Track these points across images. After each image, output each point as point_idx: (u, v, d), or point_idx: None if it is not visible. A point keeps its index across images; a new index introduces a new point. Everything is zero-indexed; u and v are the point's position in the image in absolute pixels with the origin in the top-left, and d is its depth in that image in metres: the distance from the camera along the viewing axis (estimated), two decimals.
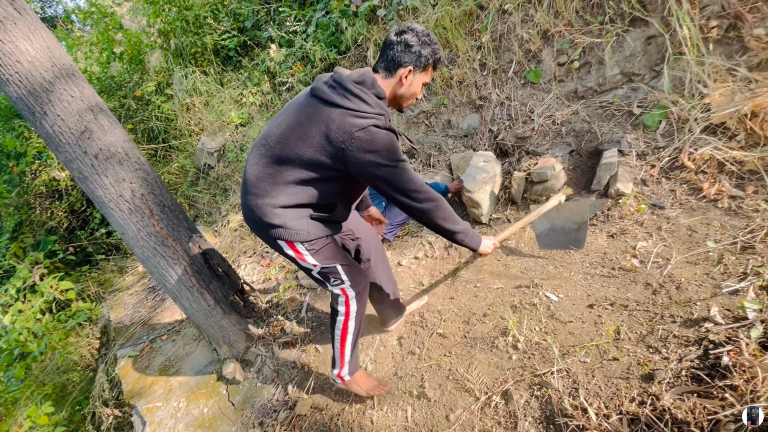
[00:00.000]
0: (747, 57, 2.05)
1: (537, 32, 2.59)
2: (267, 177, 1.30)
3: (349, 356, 1.65)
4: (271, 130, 1.32)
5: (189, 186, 4.46)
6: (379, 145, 1.20)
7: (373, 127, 1.19)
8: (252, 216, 1.37)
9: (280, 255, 1.53)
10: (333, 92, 1.23)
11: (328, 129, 1.20)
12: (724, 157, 1.91)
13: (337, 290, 1.55)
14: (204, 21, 4.39)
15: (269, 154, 1.30)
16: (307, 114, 1.25)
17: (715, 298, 1.48)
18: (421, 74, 1.33)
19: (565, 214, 1.96)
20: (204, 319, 2.17)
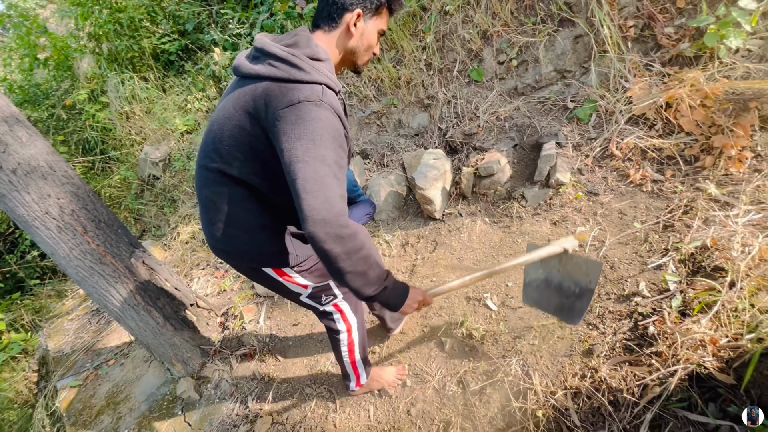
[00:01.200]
0: (660, 53, 2.25)
1: (477, 32, 2.70)
2: (221, 197, 1.05)
3: (362, 367, 1.57)
4: (206, 138, 1.08)
5: (133, 199, 4.20)
6: (306, 128, 0.88)
7: (305, 104, 0.90)
8: (223, 248, 1.12)
9: (262, 284, 1.26)
10: (256, 63, 0.98)
11: (255, 110, 0.94)
12: (646, 145, 2.09)
13: (330, 308, 1.36)
14: (140, 24, 4.15)
15: (212, 169, 1.04)
16: (232, 100, 0.99)
17: (643, 274, 1.61)
18: (374, 19, 1.05)
19: (569, 268, 1.36)
20: (153, 339, 2.05)
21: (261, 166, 1.01)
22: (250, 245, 1.10)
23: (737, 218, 1.58)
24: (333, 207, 0.86)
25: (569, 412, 1.27)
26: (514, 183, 2.40)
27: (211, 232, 1.11)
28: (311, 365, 1.94)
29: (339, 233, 0.86)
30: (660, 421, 1.13)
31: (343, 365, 1.56)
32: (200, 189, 1.10)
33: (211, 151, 1.05)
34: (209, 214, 1.09)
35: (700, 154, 1.94)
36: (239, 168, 1.01)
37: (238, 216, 1.06)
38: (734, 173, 1.79)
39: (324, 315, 1.40)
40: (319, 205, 0.85)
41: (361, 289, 0.95)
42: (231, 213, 1.05)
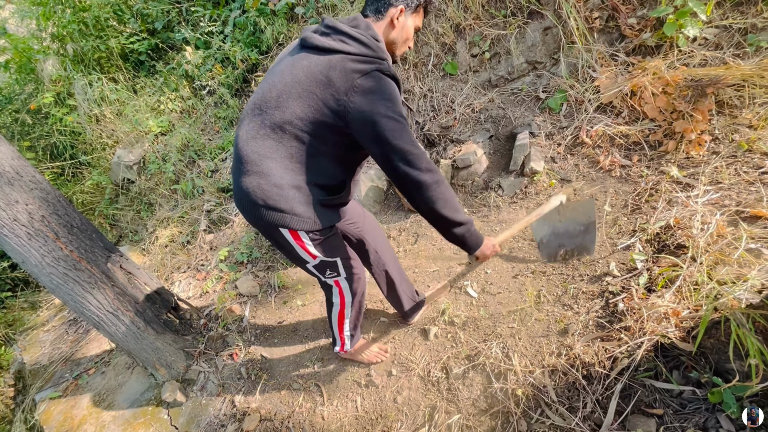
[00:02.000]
0: (624, 43, 2.34)
1: (450, 26, 2.73)
2: (268, 150, 1.12)
3: (349, 335, 1.69)
4: (264, 94, 1.14)
5: (108, 204, 4.08)
6: (384, 92, 1.05)
7: (377, 72, 1.06)
8: (250, 199, 1.16)
9: (273, 244, 1.36)
10: (328, 38, 1.09)
11: (328, 79, 1.05)
12: (614, 132, 2.17)
13: (331, 282, 1.45)
14: (106, 23, 4.02)
15: (267, 123, 1.12)
16: (302, 67, 1.09)
17: (613, 255, 1.69)
18: (413, 16, 1.21)
19: (569, 215, 1.65)
20: (135, 344, 2.02)
21: (323, 129, 1.10)
22: (279, 201, 1.15)
23: (697, 198, 1.67)
24: (418, 147, 1.09)
25: (547, 389, 1.33)
26: (490, 173, 2.46)
27: (244, 185, 1.16)
28: (297, 362, 1.95)
29: (429, 167, 1.09)
30: (630, 391, 1.20)
31: (332, 328, 1.68)
32: (246, 141, 1.15)
33: (273, 107, 1.11)
34: (248, 166, 1.14)
35: (663, 139, 2.04)
36: (300, 127, 1.10)
37: (278, 171, 1.13)
38: (694, 156, 1.89)
39: (324, 285, 1.51)
40: (411, 148, 1.06)
41: (453, 215, 1.14)
42: (272, 167, 1.13)
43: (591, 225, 1.63)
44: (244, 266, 2.70)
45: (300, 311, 2.22)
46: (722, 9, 2.10)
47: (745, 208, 1.54)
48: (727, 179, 1.70)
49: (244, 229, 3.02)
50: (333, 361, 1.87)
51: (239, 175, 1.18)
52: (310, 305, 2.24)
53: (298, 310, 2.24)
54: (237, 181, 1.20)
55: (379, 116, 1.03)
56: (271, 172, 1.13)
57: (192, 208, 3.42)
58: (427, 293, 1.93)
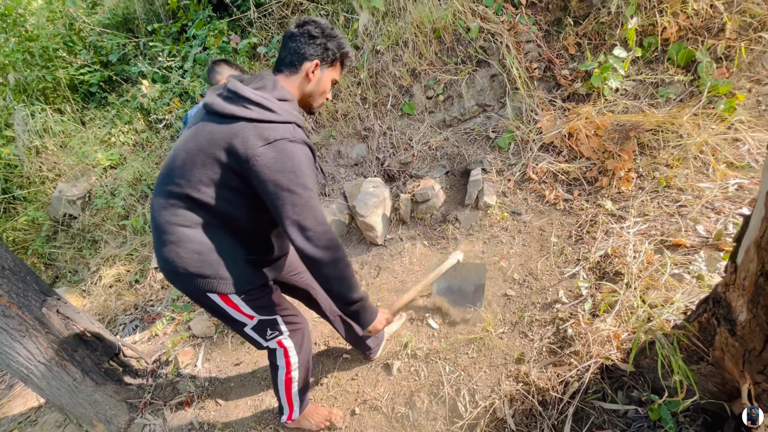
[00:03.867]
0: (560, 91, 2.63)
1: (406, 70, 2.93)
2: (181, 219, 1.10)
3: (298, 401, 1.55)
4: (170, 164, 1.13)
5: (44, 242, 3.75)
6: (287, 163, 1.02)
7: (282, 141, 1.02)
8: (172, 269, 1.13)
9: (207, 311, 1.28)
10: (230, 104, 1.06)
11: (231, 146, 1.03)
12: (556, 169, 2.38)
13: (273, 344, 1.35)
14: (55, 53, 3.88)
15: (176, 192, 1.10)
16: (205, 134, 1.07)
17: (561, 283, 1.81)
18: (330, 70, 1.21)
19: (463, 273, 1.90)
20: (69, 398, 1.82)
21: (230, 194, 1.09)
22: (201, 267, 1.13)
23: (629, 229, 1.85)
24: (322, 224, 1.07)
25: (506, 419, 1.36)
26: (448, 207, 2.58)
27: (165, 255, 1.13)
28: (256, 405, 1.85)
29: (328, 245, 1.07)
30: (582, 414, 1.26)
31: (279, 396, 1.54)
32: (158, 212, 1.14)
33: (178, 176, 1.10)
34: (166, 237, 1.12)
35: (598, 176, 2.26)
36: (207, 194, 1.08)
37: (196, 238, 1.12)
38: (624, 191, 2.11)
39: (267, 350, 1.40)
40: (311, 224, 1.05)
41: (347, 293, 1.15)
42: (188, 234, 1.11)
43: (481, 287, 1.87)
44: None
45: (258, 351, 2.13)
46: (637, 66, 2.43)
47: (668, 237, 1.73)
48: (652, 212, 1.91)
49: None
50: None
51: (159, 246, 1.15)
52: None
53: (256, 351, 2.14)
54: (158, 253, 1.16)
55: (280, 189, 1.01)
56: (189, 239, 1.11)
57: (142, 244, 3.24)
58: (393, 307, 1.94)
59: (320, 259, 1.07)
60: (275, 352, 1.40)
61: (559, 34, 2.71)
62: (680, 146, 2.05)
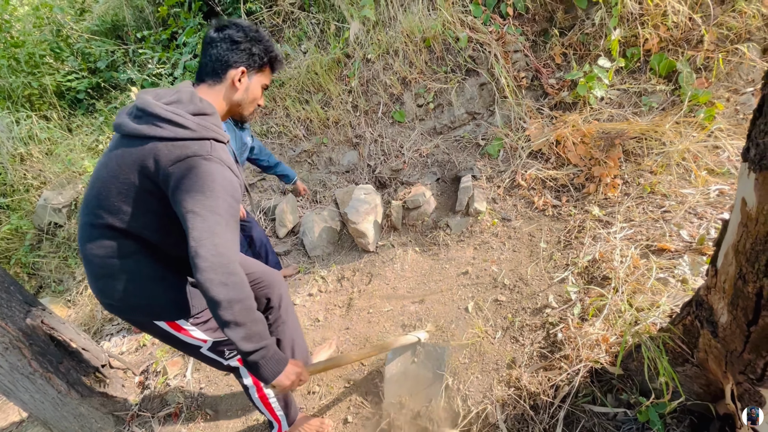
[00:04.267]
0: (548, 100, 2.69)
1: (397, 79, 2.97)
2: (112, 251, 1.03)
3: (282, 413, 1.49)
4: (89, 193, 1.05)
5: (28, 251, 3.67)
6: (196, 183, 0.92)
7: (193, 159, 0.94)
8: (111, 302, 1.08)
9: (157, 338, 1.20)
10: (140, 124, 0.98)
11: (143, 169, 0.96)
12: (544, 176, 2.43)
13: (234, 362, 1.29)
14: (41, 60, 3.83)
15: (98, 224, 1.02)
16: (117, 160, 0.99)
17: (551, 288, 1.83)
18: (258, 75, 1.13)
19: (423, 358, 1.59)
20: (54, 411, 1.78)
21: (153, 218, 1.02)
22: (140, 297, 1.07)
23: (616, 234, 1.89)
24: (221, 255, 0.90)
25: (498, 424, 1.37)
26: (438, 213, 2.60)
27: (100, 288, 1.08)
28: (247, 416, 1.83)
29: (224, 280, 0.89)
30: (573, 418, 1.27)
31: (263, 413, 1.50)
32: (85, 244, 1.06)
33: (96, 206, 1.03)
34: (96, 269, 1.06)
35: (585, 182, 2.31)
36: (129, 222, 1.01)
37: (127, 268, 1.05)
38: (611, 197, 2.16)
39: (229, 369, 1.33)
40: (207, 253, 0.88)
41: (240, 343, 0.92)
42: (120, 266, 1.04)
43: (439, 377, 1.51)
44: None
45: None
46: (620, 75, 2.51)
47: (654, 242, 1.78)
48: (638, 217, 1.96)
49: None
50: None
51: (94, 280, 1.08)
52: None
53: None
54: (94, 286, 1.10)
55: (185, 211, 0.91)
56: (122, 270, 1.04)
57: None
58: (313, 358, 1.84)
59: (213, 297, 0.88)
60: (239, 371, 1.33)
61: (545, 44, 2.78)
62: (663, 153, 2.11)
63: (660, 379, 1.03)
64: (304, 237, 2.78)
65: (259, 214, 3.09)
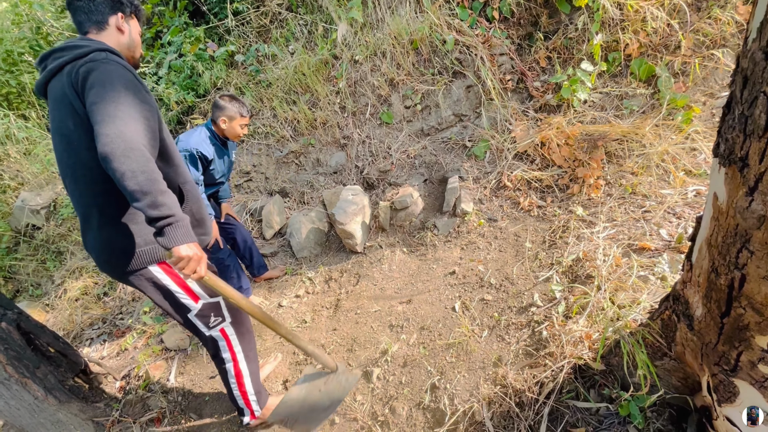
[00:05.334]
0: (533, 102, 2.73)
1: (384, 80, 2.98)
2: (87, 198, 1.12)
3: (255, 397, 1.53)
4: (56, 152, 1.16)
5: (4, 254, 3.55)
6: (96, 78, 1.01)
7: (90, 63, 1.04)
8: (109, 249, 1.15)
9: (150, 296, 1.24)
10: (48, 67, 1.10)
11: (66, 94, 1.05)
12: (530, 177, 2.47)
13: (216, 332, 1.35)
14: (20, 58, 3.73)
15: (82, 175, 1.10)
16: (51, 107, 1.11)
17: (536, 287, 1.86)
18: (134, 21, 1.26)
19: (330, 388, 1.48)
20: (30, 418, 1.72)
21: None
22: (126, 237, 1.14)
23: (599, 234, 1.93)
24: (122, 132, 0.95)
25: (485, 422, 1.37)
26: (426, 214, 2.62)
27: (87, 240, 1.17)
28: (231, 420, 1.80)
29: (127, 153, 0.93)
30: (557, 414, 1.29)
31: (234, 399, 1.53)
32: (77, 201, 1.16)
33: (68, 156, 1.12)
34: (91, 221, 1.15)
35: (569, 183, 2.35)
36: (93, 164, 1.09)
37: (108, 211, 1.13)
38: (594, 197, 2.20)
39: (210, 341, 1.39)
40: (109, 130, 0.94)
41: (146, 210, 0.96)
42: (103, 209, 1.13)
43: (335, 403, 1.45)
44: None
45: None
46: (603, 79, 2.57)
47: (635, 241, 1.82)
48: (620, 217, 2.00)
49: None
50: None
51: (88, 231, 1.17)
52: None
53: None
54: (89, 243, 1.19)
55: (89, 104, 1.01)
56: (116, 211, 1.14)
57: None
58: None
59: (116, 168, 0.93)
60: (218, 343, 1.39)
61: (530, 47, 2.83)
62: (644, 155, 2.17)
63: (638, 372, 1.05)
64: (291, 238, 2.76)
65: (246, 215, 3.06)
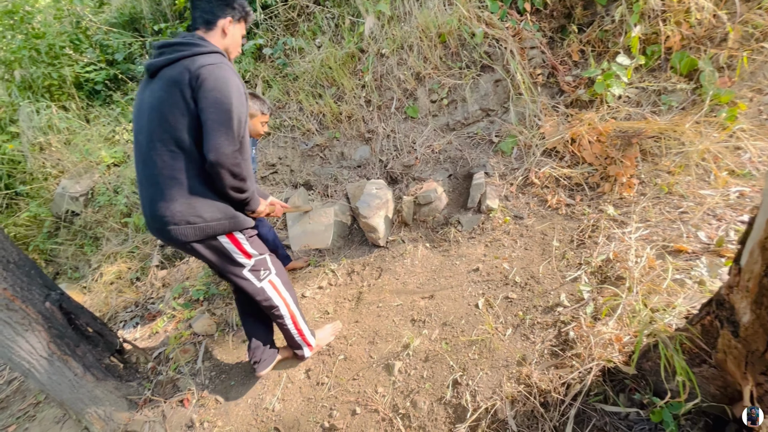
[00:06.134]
0: (563, 97, 2.65)
1: (411, 74, 2.96)
2: (174, 171, 1.25)
3: (308, 331, 1.82)
4: (140, 129, 1.30)
5: (45, 238, 3.75)
6: (221, 79, 1.21)
7: (214, 65, 1.21)
8: (173, 222, 1.28)
9: (204, 260, 1.44)
10: (165, 55, 1.26)
11: (180, 82, 1.20)
12: (559, 174, 2.40)
13: (267, 284, 1.58)
14: (61, 51, 3.91)
15: (162, 148, 1.24)
16: (160, 87, 1.24)
17: (563, 287, 1.81)
18: (240, 25, 1.42)
19: (315, 218, 2.52)
20: (70, 393, 1.82)
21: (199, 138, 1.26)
22: (211, 211, 1.31)
23: (631, 234, 1.86)
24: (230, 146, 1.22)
25: (507, 420, 1.36)
26: (450, 210, 2.59)
27: (164, 209, 1.27)
28: (256, 404, 1.85)
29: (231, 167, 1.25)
30: (583, 416, 1.26)
31: (293, 338, 1.78)
32: (148, 174, 1.29)
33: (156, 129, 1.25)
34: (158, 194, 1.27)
35: (600, 181, 2.28)
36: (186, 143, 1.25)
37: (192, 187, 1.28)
38: (626, 197, 2.12)
39: (262, 291, 1.59)
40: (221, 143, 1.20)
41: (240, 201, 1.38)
42: (190, 185, 1.27)
43: (329, 226, 2.40)
44: (200, 304, 2.57)
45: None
46: (640, 73, 2.46)
47: (670, 243, 1.75)
48: (654, 217, 1.92)
49: (201, 264, 2.90)
50: (294, 402, 1.80)
51: (153, 203, 1.30)
52: None
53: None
54: (152, 212, 1.31)
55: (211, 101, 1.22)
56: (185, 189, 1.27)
57: (144, 242, 3.25)
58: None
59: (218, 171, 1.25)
60: (268, 292, 1.59)
61: (563, 41, 2.74)
62: (682, 153, 2.07)
63: (677, 379, 1.01)
64: None
65: None
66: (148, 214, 1.33)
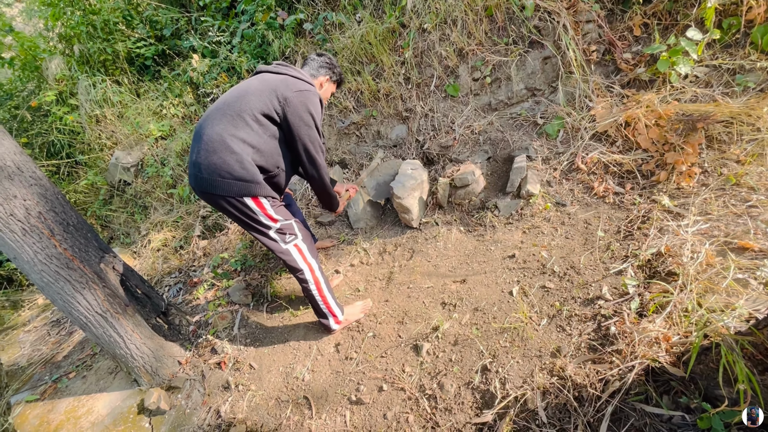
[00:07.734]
0: (620, 76, 2.44)
1: (453, 50, 2.83)
2: (230, 132, 1.46)
3: (334, 302, 1.91)
4: (226, 97, 1.55)
5: (101, 205, 4.04)
6: (312, 106, 1.55)
7: (309, 92, 1.56)
8: (214, 173, 1.47)
9: (234, 217, 1.62)
10: (278, 66, 1.64)
11: (276, 88, 1.52)
12: (608, 160, 2.24)
13: (292, 247, 1.72)
14: (115, 27, 4.08)
15: (229, 112, 1.49)
16: (259, 80, 1.57)
17: (605, 279, 1.72)
18: (332, 85, 1.87)
19: (384, 170, 2.76)
20: (121, 347, 1.98)
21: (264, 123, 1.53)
22: (243, 173, 1.48)
23: (687, 228, 1.71)
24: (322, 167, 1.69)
25: (537, 410, 1.33)
26: (487, 193, 2.50)
27: (210, 162, 1.46)
28: (287, 372, 1.93)
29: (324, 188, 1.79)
30: (621, 415, 1.20)
31: (318, 306, 1.87)
32: (210, 126, 1.49)
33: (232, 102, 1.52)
34: (213, 145, 1.46)
35: (655, 170, 2.10)
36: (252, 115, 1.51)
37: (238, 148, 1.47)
38: (685, 187, 1.95)
39: (287, 253, 1.72)
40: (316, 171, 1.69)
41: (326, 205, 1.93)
42: (234, 145, 1.46)
43: (395, 175, 2.62)
44: (237, 274, 2.68)
45: (291, 322, 2.21)
46: (712, 50, 2.21)
47: (733, 239, 1.59)
48: (716, 211, 1.76)
49: (238, 236, 3.01)
50: (323, 374, 1.85)
51: (201, 153, 1.48)
52: (302, 316, 2.22)
53: (289, 321, 2.22)
54: (197, 161, 1.49)
55: (305, 123, 1.56)
56: (233, 149, 1.46)
57: (187, 213, 3.41)
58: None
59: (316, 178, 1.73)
60: (292, 255, 1.73)
61: (624, 13, 2.50)
62: (756, 141, 1.86)
63: (738, 386, 0.93)
64: (349, 209, 2.81)
65: (306, 184, 3.15)
66: (194, 159, 1.51)
